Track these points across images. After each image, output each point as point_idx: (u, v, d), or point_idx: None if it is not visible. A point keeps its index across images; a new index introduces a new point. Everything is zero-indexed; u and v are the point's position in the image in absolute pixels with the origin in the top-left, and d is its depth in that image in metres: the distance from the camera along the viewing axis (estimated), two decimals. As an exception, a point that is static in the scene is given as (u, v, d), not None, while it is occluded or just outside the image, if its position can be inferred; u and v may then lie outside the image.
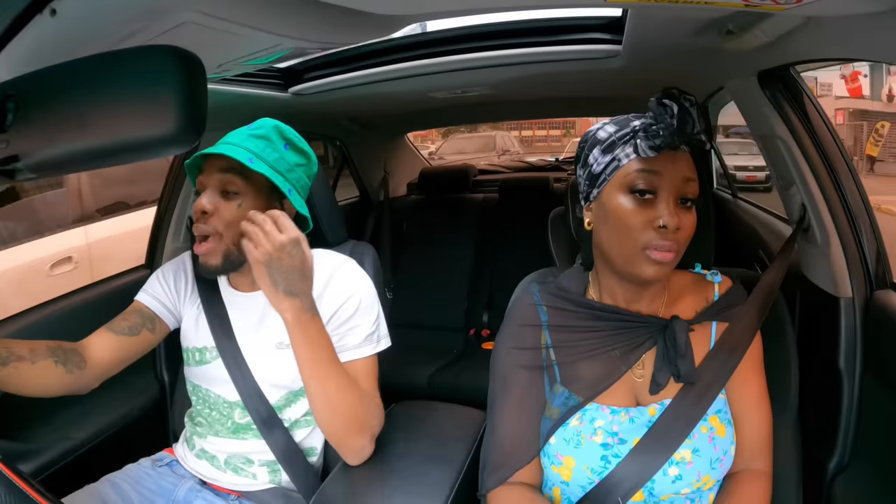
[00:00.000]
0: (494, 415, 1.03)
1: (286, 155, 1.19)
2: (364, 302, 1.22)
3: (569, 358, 1.00)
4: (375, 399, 1.18)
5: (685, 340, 0.94)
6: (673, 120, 0.85)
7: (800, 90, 1.26)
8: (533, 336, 1.04)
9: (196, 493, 1.23)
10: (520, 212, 3.00)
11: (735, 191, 2.55)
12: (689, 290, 1.02)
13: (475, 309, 2.94)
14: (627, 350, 0.97)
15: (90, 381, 1.19)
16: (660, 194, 0.88)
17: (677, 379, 0.94)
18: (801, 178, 1.23)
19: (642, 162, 0.89)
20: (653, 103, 0.88)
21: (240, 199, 1.16)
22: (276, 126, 1.20)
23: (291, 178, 1.20)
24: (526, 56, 1.62)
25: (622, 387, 0.97)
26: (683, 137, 0.86)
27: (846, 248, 1.18)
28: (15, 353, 1.07)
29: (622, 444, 0.92)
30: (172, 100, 0.51)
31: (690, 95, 0.86)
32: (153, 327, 1.28)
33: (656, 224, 0.87)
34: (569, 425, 0.95)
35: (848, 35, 0.88)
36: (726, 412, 0.95)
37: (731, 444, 0.93)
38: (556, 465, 0.94)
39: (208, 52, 0.93)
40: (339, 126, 2.87)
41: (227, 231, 1.16)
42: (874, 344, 1.14)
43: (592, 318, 1.01)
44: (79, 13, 0.69)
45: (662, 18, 1.14)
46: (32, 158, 0.56)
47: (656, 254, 0.88)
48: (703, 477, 0.90)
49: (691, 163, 0.91)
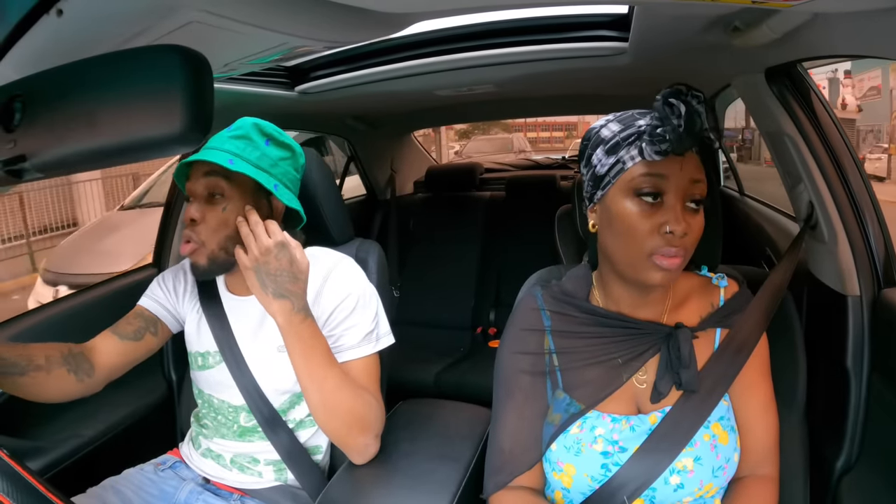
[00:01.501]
0: (497, 419, 1.03)
1: (268, 151, 1.19)
2: (362, 300, 1.22)
3: (571, 364, 0.99)
4: (376, 398, 1.18)
5: (689, 350, 0.93)
6: (680, 121, 0.81)
7: (807, 87, 1.26)
8: (536, 341, 1.03)
9: (197, 496, 1.24)
10: (527, 209, 2.99)
11: (742, 188, 2.54)
12: (695, 294, 1.01)
13: (482, 307, 2.94)
14: (630, 358, 0.96)
15: (97, 386, 1.22)
16: (666, 198, 0.86)
17: (679, 387, 0.93)
18: (808, 175, 1.22)
19: (648, 165, 0.86)
20: (658, 103, 0.84)
21: (225, 202, 1.17)
22: (254, 124, 1.21)
23: (276, 172, 1.20)
24: (532, 54, 1.62)
25: (624, 394, 0.96)
26: (691, 140, 0.82)
27: (854, 246, 1.17)
28: (34, 363, 1.10)
29: (622, 452, 0.91)
30: (179, 99, 0.51)
31: (698, 92, 0.83)
32: (156, 331, 1.30)
33: (663, 230, 0.85)
34: (569, 433, 0.94)
35: (855, 31, 0.87)
36: (729, 419, 0.93)
37: (735, 452, 0.92)
38: (557, 472, 0.94)
39: (214, 51, 0.93)
40: (346, 124, 2.87)
41: (212, 237, 1.17)
42: (882, 342, 1.14)
43: (596, 325, 1.00)
44: (85, 13, 0.69)
45: (669, 15, 1.14)
46: (40, 158, 0.56)
47: (663, 260, 0.86)
48: (706, 485, 0.89)
49: (699, 163, 0.88)
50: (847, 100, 10.73)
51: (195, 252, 1.17)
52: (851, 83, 10.07)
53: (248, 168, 1.15)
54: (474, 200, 3.23)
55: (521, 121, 20.95)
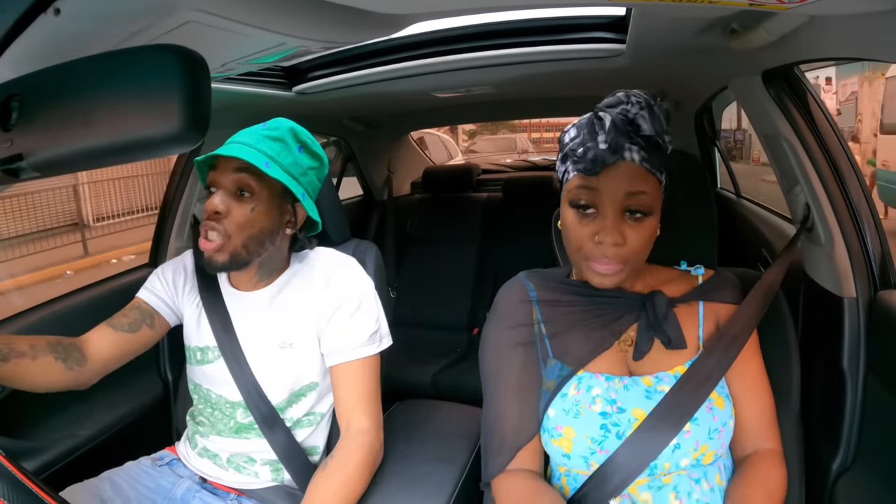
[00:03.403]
0: (489, 402, 1.03)
1: (300, 158, 1.18)
2: (365, 301, 1.22)
3: (557, 329, 1.01)
4: (372, 408, 1.19)
5: (665, 310, 0.96)
6: (606, 136, 0.84)
7: (804, 89, 1.26)
8: (525, 312, 1.05)
9: (194, 493, 1.24)
10: (523, 211, 2.99)
11: (738, 190, 2.55)
12: (674, 281, 1.04)
13: (479, 308, 2.93)
14: (612, 320, 0.99)
15: (90, 377, 1.19)
16: (601, 209, 0.89)
17: (668, 345, 0.95)
18: (805, 177, 1.23)
19: (582, 178, 0.89)
20: (582, 120, 0.88)
21: (253, 202, 1.14)
22: (291, 128, 1.19)
23: (304, 181, 1.19)
24: (529, 55, 1.62)
25: (612, 357, 0.99)
26: (612, 158, 0.85)
27: (850, 248, 1.18)
28: (15, 350, 1.07)
29: (621, 412, 0.93)
30: (176, 99, 0.51)
31: (642, 96, 0.85)
32: (152, 323, 1.28)
33: (596, 239, 0.89)
34: (567, 396, 0.96)
35: (852, 34, 0.87)
36: (724, 388, 0.96)
37: (730, 419, 0.94)
38: (556, 437, 0.95)
39: (212, 51, 0.93)
40: (343, 125, 2.87)
41: (237, 233, 1.13)
42: (878, 344, 1.14)
43: (577, 294, 1.03)
44: (83, 12, 0.69)
45: (666, 17, 1.14)
46: (36, 157, 0.56)
47: (598, 266, 0.90)
48: (702, 447, 0.91)
49: (639, 173, 0.88)
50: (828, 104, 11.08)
51: (217, 249, 1.13)
52: (832, 88, 10.40)
53: (282, 175, 1.14)
54: (471, 201, 3.23)
55: (524, 121, 21.02)
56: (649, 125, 0.85)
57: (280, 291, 1.25)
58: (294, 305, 1.23)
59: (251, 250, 1.16)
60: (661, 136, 0.86)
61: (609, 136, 0.84)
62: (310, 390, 1.24)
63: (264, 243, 1.17)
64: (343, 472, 1.11)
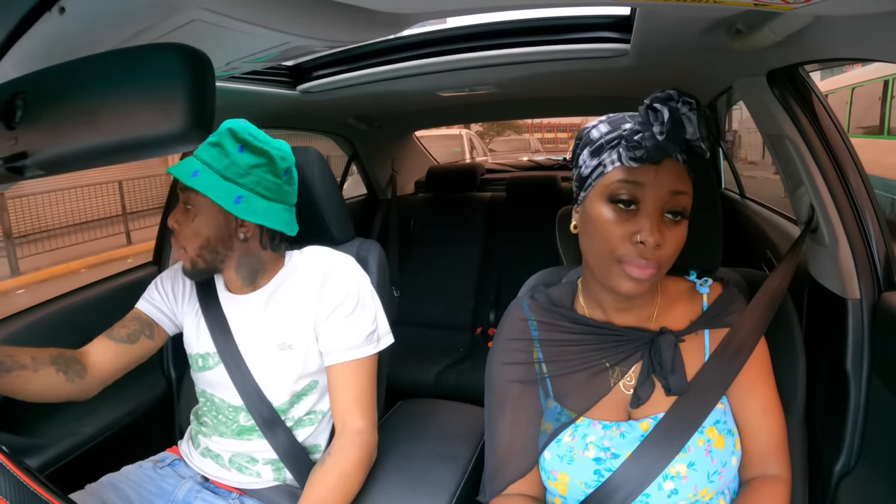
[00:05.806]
0: (490, 427, 1.03)
1: (239, 159, 1.15)
2: (362, 300, 1.22)
3: (559, 372, 0.98)
4: (367, 406, 1.20)
5: (671, 356, 0.91)
6: (662, 128, 0.79)
7: (808, 90, 1.25)
8: (525, 351, 1.02)
9: (196, 494, 1.24)
10: (527, 210, 2.99)
11: (743, 191, 2.55)
12: (684, 298, 1.00)
13: (482, 307, 2.93)
14: (615, 363, 0.95)
15: (91, 389, 1.21)
16: (642, 207, 0.84)
17: (668, 392, 0.92)
18: (809, 178, 1.22)
19: (626, 171, 0.84)
20: (642, 108, 0.81)
21: (194, 212, 1.17)
22: (229, 129, 1.17)
23: (247, 182, 1.15)
24: (534, 55, 1.62)
25: (613, 401, 0.95)
26: (672, 149, 0.81)
27: (854, 250, 1.17)
28: (18, 362, 1.09)
29: (615, 458, 0.90)
30: (181, 97, 0.51)
31: (691, 98, 0.80)
32: (151, 334, 1.30)
33: (635, 239, 0.83)
34: (561, 442, 0.94)
35: (857, 35, 0.87)
36: (726, 422, 0.92)
37: (732, 455, 0.91)
38: (553, 480, 0.94)
39: (217, 49, 0.93)
40: (347, 124, 2.87)
41: (188, 245, 1.18)
42: (882, 346, 1.13)
43: (580, 333, 0.98)
44: (87, 11, 0.69)
45: (671, 17, 1.14)
46: (41, 156, 0.56)
47: (633, 269, 0.84)
48: (701, 491, 0.88)
49: (683, 173, 0.85)
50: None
51: (181, 257, 1.21)
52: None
53: (206, 185, 1.12)
54: (475, 201, 3.23)
55: (528, 122, 21.07)
56: (694, 128, 0.80)
57: (275, 293, 1.25)
58: (290, 306, 1.22)
59: (207, 259, 1.19)
60: (704, 141, 0.83)
61: (666, 127, 0.79)
62: (311, 389, 1.25)
63: (217, 250, 1.19)
64: (341, 468, 1.11)
